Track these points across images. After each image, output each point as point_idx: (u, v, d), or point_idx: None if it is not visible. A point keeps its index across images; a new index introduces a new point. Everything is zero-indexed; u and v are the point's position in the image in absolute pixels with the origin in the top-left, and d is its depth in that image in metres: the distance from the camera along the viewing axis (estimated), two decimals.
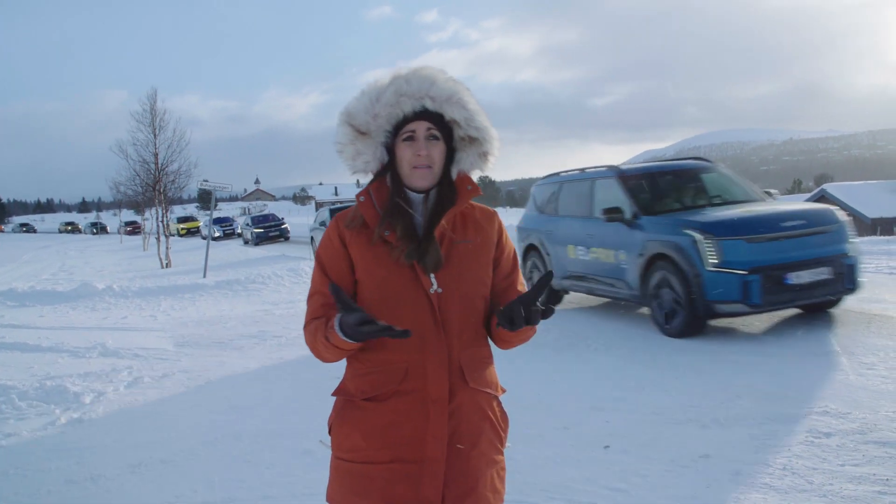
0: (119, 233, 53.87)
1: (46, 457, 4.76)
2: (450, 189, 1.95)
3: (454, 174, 1.98)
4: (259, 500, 3.88)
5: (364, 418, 1.90)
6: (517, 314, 1.74)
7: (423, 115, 1.90)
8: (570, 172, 9.67)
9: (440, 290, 1.88)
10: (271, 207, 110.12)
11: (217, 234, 42.10)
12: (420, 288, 1.87)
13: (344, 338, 1.76)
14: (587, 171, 9.21)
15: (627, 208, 7.77)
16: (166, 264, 21.56)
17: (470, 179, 1.98)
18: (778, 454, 4.03)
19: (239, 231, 42.12)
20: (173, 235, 47.01)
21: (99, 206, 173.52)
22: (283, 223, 35.94)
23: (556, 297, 9.65)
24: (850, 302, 7.77)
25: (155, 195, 22.93)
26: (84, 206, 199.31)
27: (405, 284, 1.88)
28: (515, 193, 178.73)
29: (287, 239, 34.69)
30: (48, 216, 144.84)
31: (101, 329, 9.76)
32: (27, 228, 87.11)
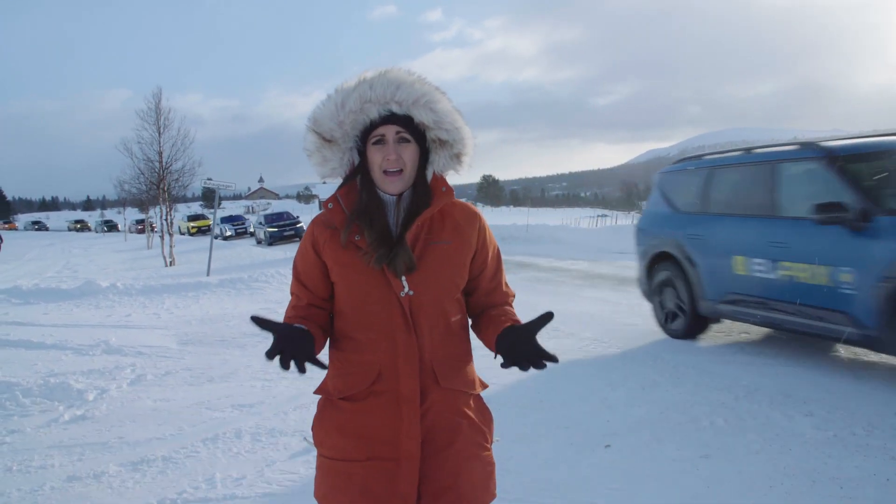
0: (129, 231, 52.49)
1: (49, 453, 4.78)
2: (424, 191, 1.95)
3: (429, 176, 1.97)
4: (260, 498, 3.89)
5: (341, 417, 1.95)
6: (523, 360, 1.81)
7: (392, 118, 1.89)
8: (727, 154, 7.15)
9: (411, 293, 1.89)
10: (275, 206, 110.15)
11: (228, 234, 41.29)
12: (391, 291, 1.89)
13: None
14: (759, 150, 6.62)
15: (852, 204, 5.21)
16: (170, 262, 21.61)
17: (444, 181, 1.98)
18: (780, 455, 4.04)
19: (251, 230, 40.79)
20: (184, 234, 44.00)
21: (103, 204, 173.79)
22: (299, 222, 34.36)
23: (700, 324, 6.95)
24: None
25: (159, 193, 22.97)
26: (89, 205, 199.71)
27: (376, 288, 1.89)
28: (519, 192, 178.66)
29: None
30: (53, 214, 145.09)
31: (104, 327, 9.78)
32: (39, 226, 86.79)
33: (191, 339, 8.66)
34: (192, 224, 48.82)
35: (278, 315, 2.00)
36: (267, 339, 1.78)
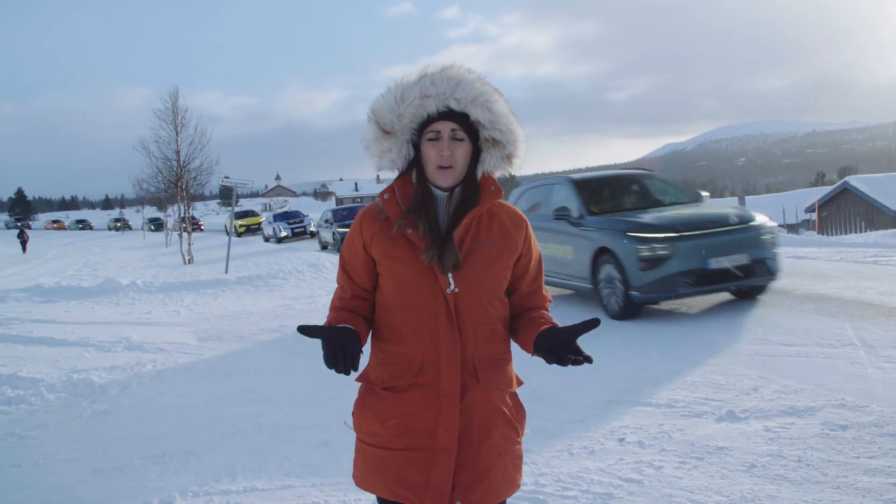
0: (173, 230, 50.28)
1: (74, 447, 4.88)
2: (473, 189, 1.99)
3: (479, 174, 2.01)
4: (279, 490, 3.96)
5: (382, 406, 1.98)
6: (564, 356, 1.88)
7: (449, 115, 1.93)
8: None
9: (457, 290, 1.93)
10: (292, 203, 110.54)
11: (284, 234, 33.41)
12: (437, 287, 1.92)
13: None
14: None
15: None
16: (189, 260, 21.78)
17: (493, 180, 2.02)
18: (793, 446, 4.05)
19: (313, 229, 33.25)
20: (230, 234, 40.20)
21: (122, 202, 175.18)
22: None
23: None
24: (869, 294, 7.74)
25: (177, 192, 23.14)
26: (107, 203, 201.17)
27: (423, 283, 1.93)
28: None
29: None
30: (72, 213, 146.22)
31: (125, 324, 9.92)
32: (83, 225, 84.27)
33: (210, 335, 8.76)
34: (239, 222, 41.34)
35: (298, 310, 2.07)
36: (284, 337, 1.84)
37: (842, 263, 10.82)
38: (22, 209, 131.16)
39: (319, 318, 9.36)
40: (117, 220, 79.77)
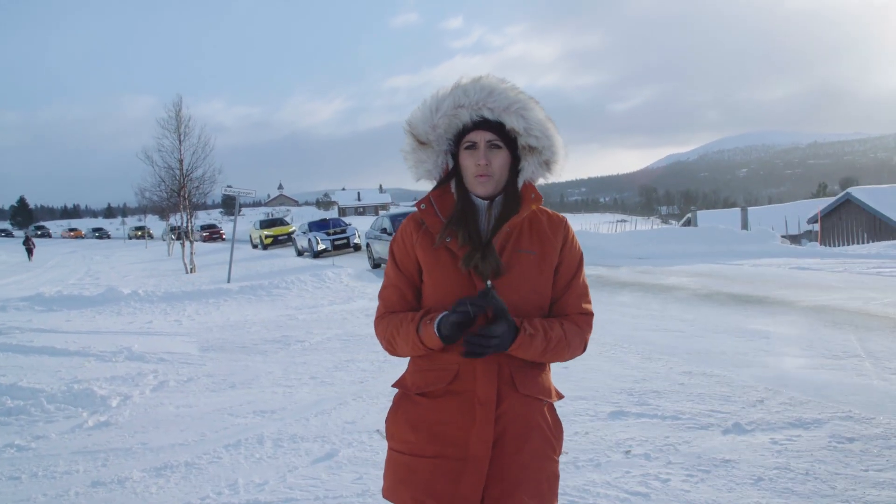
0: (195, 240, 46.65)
1: (74, 459, 4.84)
2: (514, 197, 1.97)
3: (520, 182, 1.99)
4: None
5: (415, 412, 1.98)
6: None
7: (484, 124, 1.93)
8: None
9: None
10: (295, 213, 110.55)
11: (322, 247, 26.71)
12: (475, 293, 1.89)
13: (438, 337, 1.84)
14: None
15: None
16: (191, 269, 21.77)
17: (533, 188, 1.99)
18: (800, 459, 4.01)
19: (358, 241, 27.63)
20: (256, 247, 35.49)
21: (124, 211, 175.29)
22: None
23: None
24: (874, 306, 7.70)
25: (180, 201, 23.17)
26: (110, 212, 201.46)
27: (461, 289, 1.91)
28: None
29: None
30: (74, 222, 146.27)
31: (126, 333, 9.89)
32: (100, 234, 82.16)
33: (212, 345, 8.73)
34: (265, 232, 36.16)
35: (301, 320, 2.04)
36: (286, 347, 1.81)
37: (845, 275, 10.79)
38: (24, 217, 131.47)
39: (322, 328, 9.27)
40: (138, 228, 72.53)
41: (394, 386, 2.10)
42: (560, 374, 6.14)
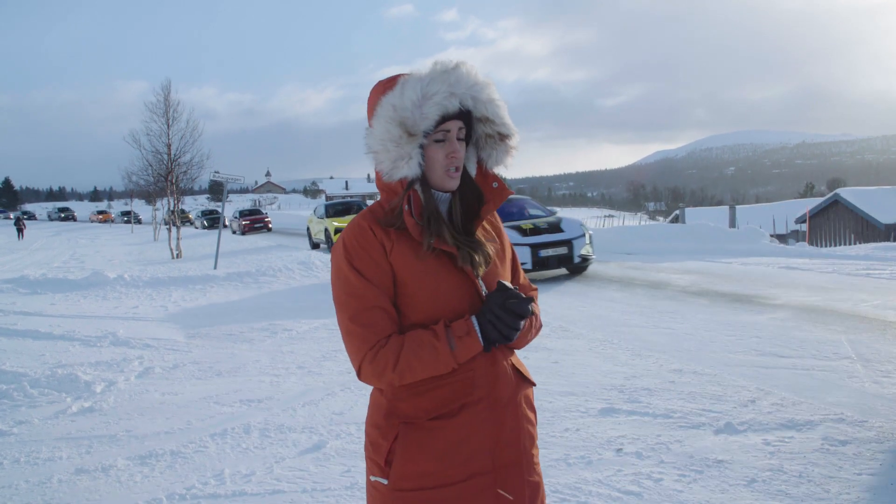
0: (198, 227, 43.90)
1: (57, 445, 4.77)
2: (473, 187, 1.89)
3: (472, 172, 1.90)
4: (268, 495, 3.86)
5: (433, 439, 1.75)
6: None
7: (459, 114, 1.79)
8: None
9: (487, 292, 1.81)
10: (282, 200, 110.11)
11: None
12: (476, 292, 1.79)
13: (482, 347, 1.70)
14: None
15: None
16: (177, 255, 21.60)
17: (495, 177, 1.89)
18: (793, 461, 3.98)
19: None
20: (318, 245, 24.73)
21: (110, 195, 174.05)
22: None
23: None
24: (864, 308, 7.70)
25: (167, 185, 22.98)
26: (95, 196, 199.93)
27: (459, 290, 1.77)
28: (526, 191, 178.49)
29: None
30: (59, 204, 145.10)
31: (112, 318, 9.78)
32: (128, 218, 78.79)
33: (198, 332, 8.64)
34: (337, 223, 22.48)
35: (288, 307, 1.94)
36: (273, 336, 1.73)
37: (835, 275, 10.81)
38: (8, 199, 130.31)
39: (309, 316, 9.17)
40: (125, 213, 71.01)
41: (380, 421, 1.81)
42: (550, 369, 6.10)
